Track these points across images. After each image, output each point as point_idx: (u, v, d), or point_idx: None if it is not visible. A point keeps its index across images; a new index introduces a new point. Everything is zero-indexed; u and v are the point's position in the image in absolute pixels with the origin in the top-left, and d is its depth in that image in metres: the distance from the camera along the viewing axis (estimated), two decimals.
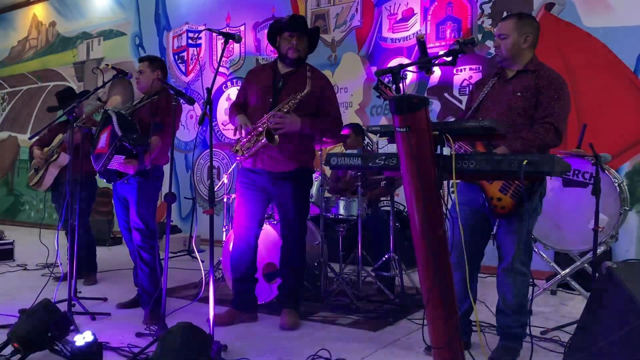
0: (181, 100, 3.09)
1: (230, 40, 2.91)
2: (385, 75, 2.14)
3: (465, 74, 5.23)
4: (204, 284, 3.21)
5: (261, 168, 3.29)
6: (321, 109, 3.32)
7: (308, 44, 3.34)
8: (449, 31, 5.37)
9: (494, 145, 2.56)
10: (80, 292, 3.82)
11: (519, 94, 2.60)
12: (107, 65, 3.93)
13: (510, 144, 2.49)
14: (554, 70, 2.65)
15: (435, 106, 5.36)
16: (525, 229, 2.62)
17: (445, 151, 2.10)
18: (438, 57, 2.29)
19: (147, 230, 3.43)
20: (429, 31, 5.46)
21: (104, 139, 3.30)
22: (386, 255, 4.06)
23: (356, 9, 5.95)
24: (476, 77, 5.08)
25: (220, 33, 2.90)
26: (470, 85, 5.10)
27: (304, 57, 3.33)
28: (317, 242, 4.00)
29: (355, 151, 4.53)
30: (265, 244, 3.67)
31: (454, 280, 2.26)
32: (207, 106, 2.71)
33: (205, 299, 2.78)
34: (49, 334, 2.59)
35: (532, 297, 2.58)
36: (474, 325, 2.87)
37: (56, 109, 4.62)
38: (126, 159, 3.18)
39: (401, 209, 5.23)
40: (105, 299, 3.93)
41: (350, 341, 3.04)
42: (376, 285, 4.00)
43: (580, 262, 3.72)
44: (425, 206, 2.04)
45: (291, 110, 3.18)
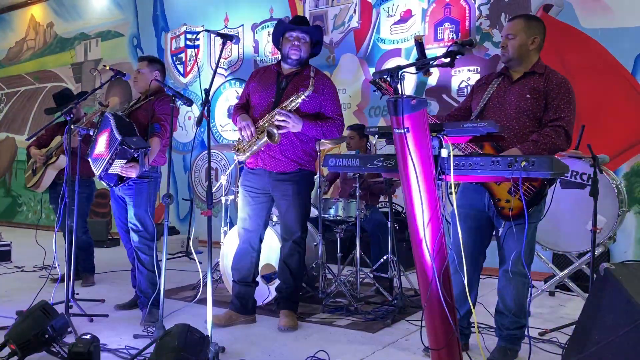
0: (179, 102, 3.09)
1: (228, 42, 2.90)
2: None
3: (464, 75, 5.23)
4: (201, 286, 3.21)
5: (261, 167, 3.29)
6: (324, 111, 3.32)
7: (310, 44, 3.33)
8: (447, 32, 5.37)
9: (502, 146, 2.55)
10: (77, 294, 3.81)
11: (528, 96, 2.59)
12: (105, 66, 3.93)
13: (522, 146, 2.49)
14: (561, 74, 2.65)
15: (433, 107, 5.36)
16: (531, 231, 2.62)
17: (444, 152, 2.10)
18: (436, 59, 2.29)
19: (145, 232, 3.42)
20: (427, 32, 5.47)
21: (102, 142, 3.28)
22: (384, 257, 4.06)
23: (354, 10, 5.95)
24: (474, 79, 5.08)
25: (219, 34, 2.89)
26: (469, 87, 5.11)
27: (306, 58, 3.32)
28: (316, 244, 4.00)
29: (353, 152, 4.53)
30: (263, 245, 3.66)
31: (453, 283, 2.26)
32: (205, 107, 2.71)
33: (203, 301, 2.78)
34: (46, 336, 2.59)
35: (531, 299, 2.58)
36: (473, 327, 2.87)
37: (54, 110, 4.61)
38: (127, 163, 3.17)
39: (399, 210, 5.23)
40: (102, 301, 3.93)
41: (348, 342, 3.04)
42: (374, 287, 4.00)
43: (578, 264, 3.72)
44: (423, 208, 2.04)
45: (292, 110, 3.18)
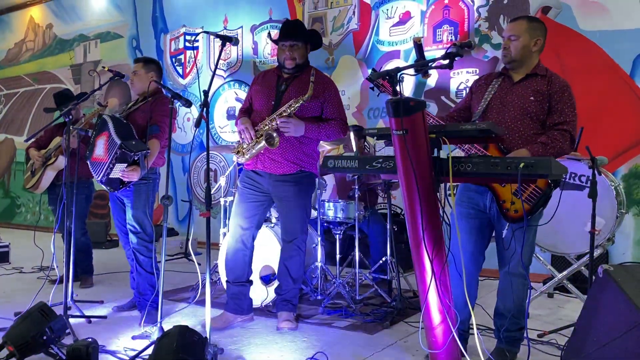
0: (177, 103, 3.09)
1: (228, 43, 2.90)
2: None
3: (462, 77, 5.24)
4: (200, 287, 3.21)
5: (262, 170, 3.29)
6: (326, 113, 3.31)
7: (306, 47, 3.33)
8: (446, 34, 5.38)
9: (508, 148, 2.55)
10: (76, 295, 3.81)
11: (531, 98, 2.59)
12: (104, 67, 3.93)
13: (532, 147, 2.49)
14: (562, 77, 2.66)
15: (432, 109, 5.37)
16: (532, 233, 2.62)
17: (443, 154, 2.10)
18: (435, 60, 2.29)
19: (144, 233, 3.42)
20: (426, 34, 5.47)
21: (101, 146, 3.27)
22: (383, 258, 4.06)
23: (353, 12, 5.96)
24: (473, 81, 5.08)
25: (218, 36, 2.89)
26: (467, 88, 5.11)
27: (302, 63, 3.31)
28: (315, 245, 4.00)
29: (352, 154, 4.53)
30: (262, 247, 3.67)
31: (453, 286, 2.26)
32: (204, 109, 2.71)
33: (201, 302, 2.77)
34: (45, 338, 2.58)
35: (529, 300, 2.58)
36: (471, 329, 2.86)
37: (53, 110, 4.61)
38: (128, 167, 3.17)
39: (398, 211, 5.24)
40: (101, 302, 3.92)
41: (347, 344, 3.04)
42: (373, 288, 4.00)
43: (576, 265, 3.72)
44: (422, 209, 2.04)
45: (292, 114, 3.18)
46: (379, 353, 2.91)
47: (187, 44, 7.30)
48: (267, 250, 3.72)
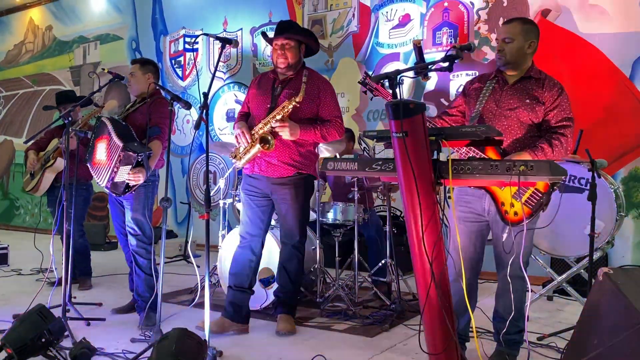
0: (177, 105, 3.08)
1: (227, 45, 2.90)
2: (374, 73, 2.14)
3: (462, 80, 5.23)
4: (199, 290, 3.20)
5: (259, 173, 3.28)
6: (321, 114, 3.30)
7: (299, 48, 3.29)
8: (445, 37, 5.38)
9: (506, 151, 2.54)
10: (75, 297, 3.80)
11: (527, 101, 2.59)
12: (104, 69, 3.93)
13: (532, 150, 2.49)
14: (556, 79, 2.66)
15: (431, 111, 5.36)
16: (530, 235, 2.62)
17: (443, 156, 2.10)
18: (435, 63, 2.29)
19: (143, 235, 3.41)
20: (425, 37, 5.48)
21: (102, 150, 3.25)
22: (383, 261, 4.06)
23: (353, 15, 5.96)
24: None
25: (217, 38, 2.90)
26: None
27: (295, 63, 3.27)
28: (314, 248, 4.00)
29: (351, 156, 4.52)
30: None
31: (453, 290, 2.25)
32: (204, 111, 2.71)
33: (200, 305, 2.76)
34: (43, 340, 2.57)
35: (529, 303, 2.58)
36: (471, 332, 2.86)
37: (52, 108, 4.62)
38: (132, 169, 3.16)
39: (397, 214, 5.23)
40: (100, 304, 3.91)
41: (346, 347, 3.03)
42: (372, 291, 3.99)
43: (576, 268, 3.72)
44: (422, 212, 2.04)
45: (285, 116, 3.16)
46: (378, 356, 2.90)
47: (187, 46, 7.30)
48: (268, 252, 3.70)
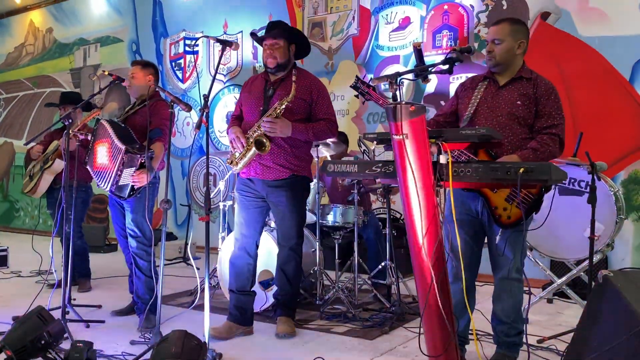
0: (177, 107, 3.08)
1: (228, 48, 2.91)
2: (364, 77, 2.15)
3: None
4: (199, 292, 3.19)
5: (254, 177, 3.27)
6: (313, 113, 3.29)
7: (288, 47, 3.28)
8: (445, 40, 5.39)
9: (497, 153, 2.55)
10: (74, 299, 3.79)
11: (518, 102, 2.59)
12: (104, 71, 3.93)
13: (522, 153, 2.49)
14: (547, 79, 2.66)
15: (431, 114, 5.37)
16: (524, 237, 2.62)
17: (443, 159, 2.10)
18: (435, 65, 2.30)
19: (143, 237, 3.41)
20: (425, 40, 5.49)
21: (103, 153, 3.24)
22: (382, 263, 4.05)
23: (353, 17, 5.97)
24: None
25: (218, 40, 2.90)
26: None
27: (284, 63, 3.26)
28: (313, 250, 3.99)
29: (351, 158, 4.53)
30: (261, 251, 3.65)
31: (452, 291, 2.25)
32: (204, 113, 2.71)
33: (200, 307, 2.76)
34: (42, 342, 2.57)
35: (529, 306, 2.58)
36: (470, 334, 2.86)
37: (53, 105, 4.62)
38: (136, 171, 3.16)
39: (397, 216, 5.23)
40: (99, 306, 3.91)
41: (346, 349, 3.03)
42: (372, 294, 3.99)
43: (576, 271, 3.72)
44: (422, 214, 2.04)
45: (279, 116, 3.14)
46: (378, 358, 2.90)
47: (187, 49, 7.31)
48: (267, 254, 3.70)
